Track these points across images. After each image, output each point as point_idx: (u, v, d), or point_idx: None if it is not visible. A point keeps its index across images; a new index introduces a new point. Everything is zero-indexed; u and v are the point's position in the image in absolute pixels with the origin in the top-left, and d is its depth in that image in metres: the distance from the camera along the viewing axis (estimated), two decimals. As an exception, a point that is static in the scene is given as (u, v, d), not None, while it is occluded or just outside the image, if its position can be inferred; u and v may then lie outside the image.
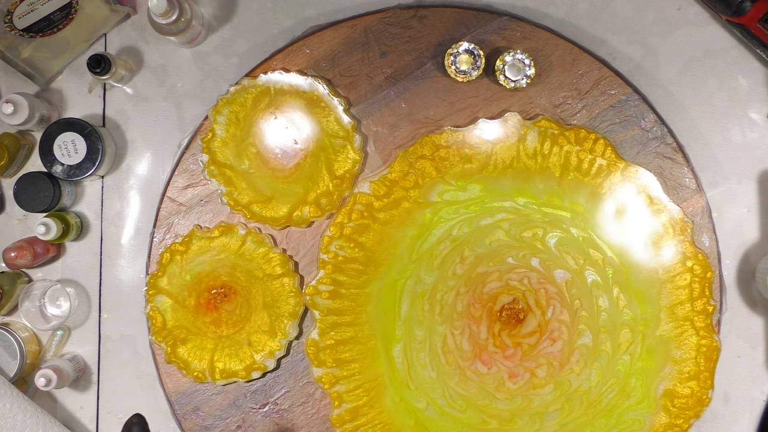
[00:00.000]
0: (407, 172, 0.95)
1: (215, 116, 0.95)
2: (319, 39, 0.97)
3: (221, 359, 0.94)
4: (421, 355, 0.95)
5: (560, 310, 0.94)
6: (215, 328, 0.95)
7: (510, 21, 0.96)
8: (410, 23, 0.97)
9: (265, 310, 0.95)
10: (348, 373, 0.94)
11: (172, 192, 0.97)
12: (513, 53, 0.94)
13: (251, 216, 0.95)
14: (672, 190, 0.95)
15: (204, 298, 0.95)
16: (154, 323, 0.95)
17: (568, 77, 0.96)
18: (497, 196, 0.95)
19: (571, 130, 0.94)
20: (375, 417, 0.94)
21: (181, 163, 0.97)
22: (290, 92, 0.95)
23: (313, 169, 0.95)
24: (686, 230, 0.93)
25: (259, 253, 0.95)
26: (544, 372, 0.94)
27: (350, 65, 0.97)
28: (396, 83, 0.97)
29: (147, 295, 0.95)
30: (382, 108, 0.97)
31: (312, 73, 0.96)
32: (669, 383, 0.93)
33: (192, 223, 0.97)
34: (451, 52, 0.94)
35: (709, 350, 0.92)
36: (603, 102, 0.96)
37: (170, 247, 0.95)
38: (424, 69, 0.97)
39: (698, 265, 0.93)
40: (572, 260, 0.94)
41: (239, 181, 0.95)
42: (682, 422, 0.92)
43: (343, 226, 0.95)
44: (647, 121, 0.96)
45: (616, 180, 0.93)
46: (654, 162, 0.96)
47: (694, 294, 0.93)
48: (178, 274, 0.95)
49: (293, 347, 0.96)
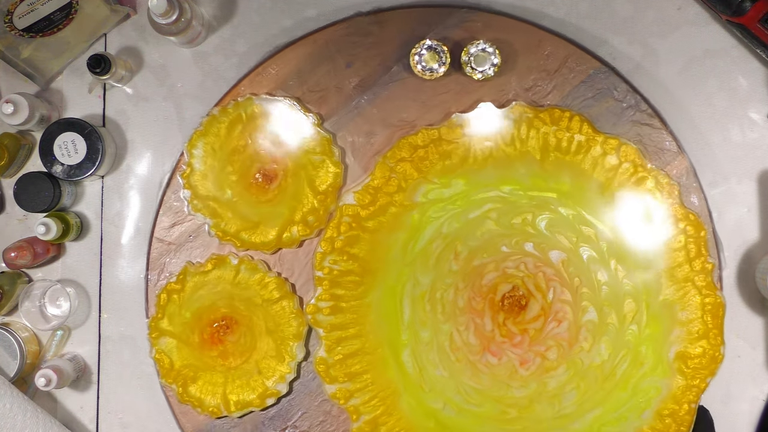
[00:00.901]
0: (389, 177, 0.94)
1: (191, 150, 0.95)
2: (283, 58, 0.97)
3: (234, 391, 0.94)
4: (430, 356, 0.94)
5: (561, 291, 0.94)
6: (223, 361, 0.94)
7: (469, 12, 0.96)
8: (371, 30, 0.97)
9: (269, 335, 0.94)
10: (361, 385, 0.94)
11: (159, 232, 0.97)
12: (477, 44, 0.94)
13: (241, 244, 0.95)
14: (654, 155, 0.95)
15: (207, 333, 0.94)
16: (162, 366, 0.94)
17: (535, 59, 0.96)
18: (482, 188, 0.95)
19: (546, 111, 0.94)
20: (395, 424, 0.93)
21: (164, 202, 0.97)
22: (262, 115, 0.95)
23: (296, 188, 0.95)
24: (674, 193, 0.93)
25: (255, 280, 0.95)
26: (554, 354, 0.94)
27: (317, 80, 0.97)
28: (365, 91, 0.97)
29: (150, 339, 0.95)
30: (355, 117, 0.97)
31: (281, 94, 0.96)
32: (680, 346, 0.93)
33: (184, 260, 0.97)
34: (415, 52, 0.94)
35: (714, 307, 0.93)
36: (573, 79, 0.96)
37: (166, 287, 0.95)
38: (392, 73, 0.96)
39: (690, 225, 0.93)
40: (565, 239, 0.94)
41: (224, 211, 0.95)
42: (698, 382, 0.92)
43: (334, 240, 0.95)
44: (619, 91, 0.96)
45: (597, 154, 0.93)
46: (632, 130, 0.96)
47: (691, 255, 0.93)
48: (178, 313, 0.95)
49: (303, 368, 0.96)
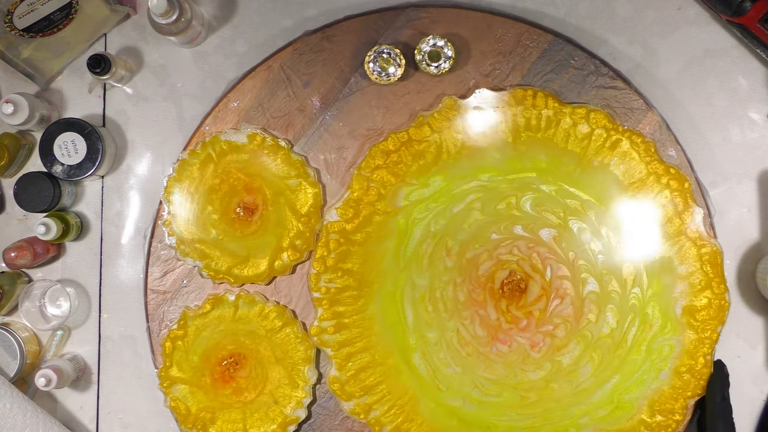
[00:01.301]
0: (368, 187, 0.95)
1: (168, 198, 0.95)
2: (241, 90, 0.97)
3: (253, 425, 0.94)
4: (441, 355, 0.94)
5: (558, 267, 0.94)
6: (238, 397, 0.94)
7: (415, 10, 0.96)
8: (322, 45, 0.97)
9: (279, 364, 0.94)
10: (378, 396, 0.94)
11: (152, 284, 0.97)
12: (428, 41, 0.94)
13: (235, 280, 0.95)
14: (623, 116, 0.95)
15: (218, 373, 0.95)
16: (179, 413, 0.95)
17: (489, 44, 0.96)
18: (460, 180, 0.95)
19: (509, 93, 0.94)
20: (418, 429, 0.93)
21: (152, 253, 0.97)
22: (231, 150, 0.96)
23: (278, 215, 0.95)
24: (650, 150, 0.93)
25: (255, 312, 0.95)
26: (562, 331, 0.94)
27: (279, 105, 0.97)
28: (328, 107, 0.97)
29: (162, 389, 0.95)
30: (323, 135, 0.97)
31: (245, 126, 0.96)
32: (685, 300, 0.92)
33: (182, 307, 0.97)
34: (369, 60, 0.94)
35: (711, 255, 0.92)
36: (530, 56, 0.96)
37: (169, 335, 0.95)
38: (350, 84, 0.97)
39: (672, 179, 0.92)
40: (553, 216, 0.94)
41: (212, 251, 0.96)
42: (709, 333, 0.92)
43: (326, 259, 0.95)
44: (578, 59, 0.95)
45: (567, 125, 0.93)
46: (598, 95, 0.95)
47: (679, 208, 0.92)
48: (186, 359, 0.95)
49: (318, 390, 0.96)
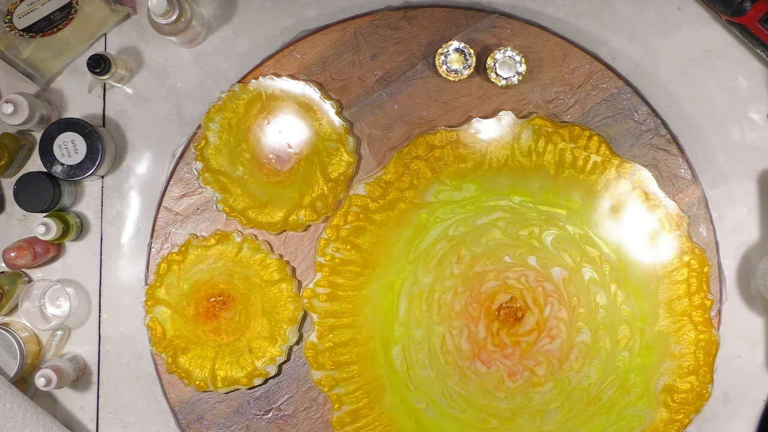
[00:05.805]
0: (402, 173, 0.94)
1: (207, 123, 0.95)
2: (309, 43, 0.96)
3: (222, 367, 0.95)
4: (420, 355, 0.95)
5: (558, 308, 0.94)
6: (215, 337, 0.95)
7: (499, 18, 0.95)
8: (400, 24, 0.96)
9: (264, 316, 0.95)
10: (347, 375, 0.95)
11: (168, 202, 0.97)
12: (504, 50, 0.93)
13: (247, 222, 0.95)
14: (667, 181, 0.95)
15: (203, 307, 0.95)
16: (154, 334, 0.95)
17: (560, 72, 0.95)
18: (493, 195, 0.95)
19: (565, 128, 0.93)
20: (375, 419, 0.94)
21: (176, 173, 0.97)
22: (282, 97, 0.95)
23: (308, 172, 0.95)
24: (682, 225, 0.93)
25: (256, 260, 0.95)
26: (543, 370, 0.94)
27: (341, 68, 0.96)
28: (388, 85, 0.96)
29: (146, 305, 0.95)
30: (374, 110, 0.96)
31: (303, 78, 0.96)
32: (668, 378, 0.93)
33: (189, 232, 0.97)
34: (442, 52, 0.93)
35: (707, 345, 0.92)
36: (595, 96, 0.95)
37: (167, 257, 0.95)
38: (416, 70, 0.96)
39: (695, 259, 0.92)
40: (569, 257, 0.94)
41: (234, 187, 0.95)
42: (682, 417, 0.92)
43: (340, 229, 0.95)
44: (640, 114, 0.95)
45: (611, 177, 0.93)
46: (648, 154, 0.95)
47: (692, 289, 0.92)
48: (176, 284, 0.95)
49: (294, 353, 0.96)
